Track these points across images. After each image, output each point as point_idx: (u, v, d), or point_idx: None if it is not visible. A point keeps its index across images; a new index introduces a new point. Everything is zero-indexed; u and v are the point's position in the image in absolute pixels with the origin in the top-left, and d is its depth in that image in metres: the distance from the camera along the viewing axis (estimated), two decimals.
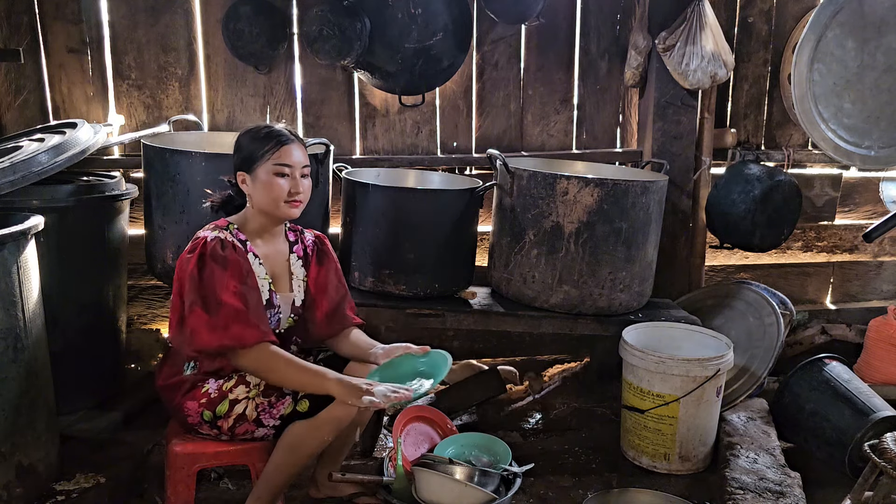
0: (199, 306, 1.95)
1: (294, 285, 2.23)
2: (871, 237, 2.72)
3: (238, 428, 2.03)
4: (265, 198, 2.08)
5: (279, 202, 2.08)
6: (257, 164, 2.06)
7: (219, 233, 2.04)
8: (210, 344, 1.94)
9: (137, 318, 3.38)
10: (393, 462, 2.27)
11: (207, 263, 1.97)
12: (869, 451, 2.02)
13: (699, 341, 2.72)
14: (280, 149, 2.07)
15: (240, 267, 2.01)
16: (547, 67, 3.44)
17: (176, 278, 2.03)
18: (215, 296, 1.95)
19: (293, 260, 2.25)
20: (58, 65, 3.13)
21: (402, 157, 3.36)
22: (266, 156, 2.06)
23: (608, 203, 2.63)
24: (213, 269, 1.97)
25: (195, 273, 1.96)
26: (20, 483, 2.16)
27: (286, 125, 2.17)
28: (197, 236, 2.05)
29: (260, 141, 2.08)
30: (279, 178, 2.06)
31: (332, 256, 2.33)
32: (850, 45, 2.99)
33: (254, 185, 2.08)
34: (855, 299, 3.95)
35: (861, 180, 3.82)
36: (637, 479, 2.52)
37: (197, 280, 1.96)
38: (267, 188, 2.06)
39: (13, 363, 2.12)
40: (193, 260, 1.97)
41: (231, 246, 2.02)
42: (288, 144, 2.09)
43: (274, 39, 3.12)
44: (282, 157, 2.07)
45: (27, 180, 2.38)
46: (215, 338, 1.93)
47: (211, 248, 1.98)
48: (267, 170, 2.06)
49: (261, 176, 2.06)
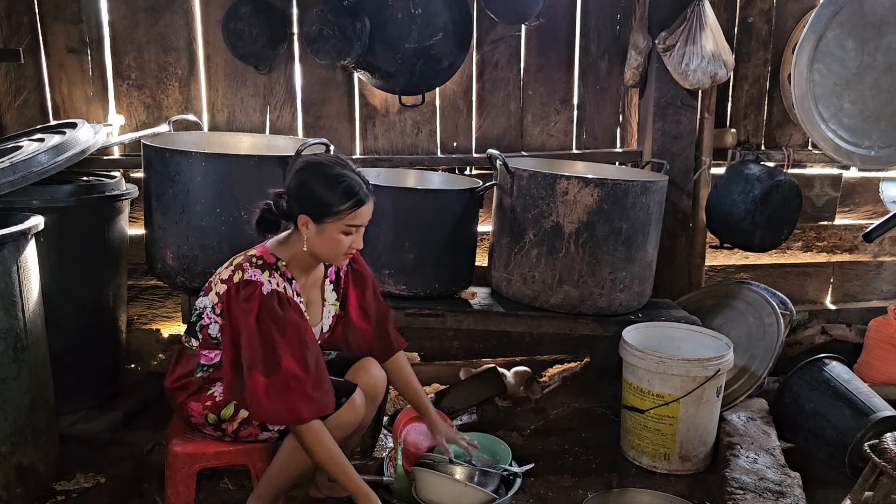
0: (258, 370, 1.89)
1: (324, 313, 2.20)
2: (871, 237, 2.72)
3: (242, 431, 2.03)
4: (325, 250, 2.00)
5: (338, 256, 2.02)
6: (328, 220, 1.95)
7: (270, 276, 1.95)
8: (267, 415, 1.93)
9: (137, 318, 3.38)
10: (393, 462, 2.28)
11: (265, 322, 1.90)
12: (869, 451, 2.02)
13: (699, 341, 2.72)
14: (357, 210, 1.96)
15: (299, 328, 1.94)
16: (547, 67, 3.44)
17: (227, 315, 1.95)
18: (275, 358, 1.89)
19: (327, 285, 2.21)
20: (58, 65, 3.13)
21: (402, 157, 3.36)
22: (341, 215, 1.95)
23: (608, 203, 2.63)
24: (273, 332, 1.90)
25: (254, 330, 1.89)
26: (20, 483, 2.16)
27: (354, 167, 2.02)
28: (248, 278, 1.94)
29: (337, 195, 1.94)
30: (346, 236, 1.99)
31: (368, 275, 2.28)
32: (850, 45, 2.99)
33: (317, 235, 1.98)
34: (855, 299, 3.95)
35: (861, 180, 3.82)
36: (637, 479, 2.52)
37: (256, 337, 1.89)
38: (331, 244, 1.98)
39: (13, 363, 2.12)
40: (252, 315, 1.90)
41: (287, 302, 1.95)
42: (366, 205, 1.98)
43: (274, 39, 3.12)
44: (356, 219, 1.97)
45: (27, 180, 2.38)
46: (272, 409, 1.90)
47: (269, 305, 1.91)
48: (337, 228, 1.96)
49: (328, 231, 1.97)
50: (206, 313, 2.03)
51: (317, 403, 1.92)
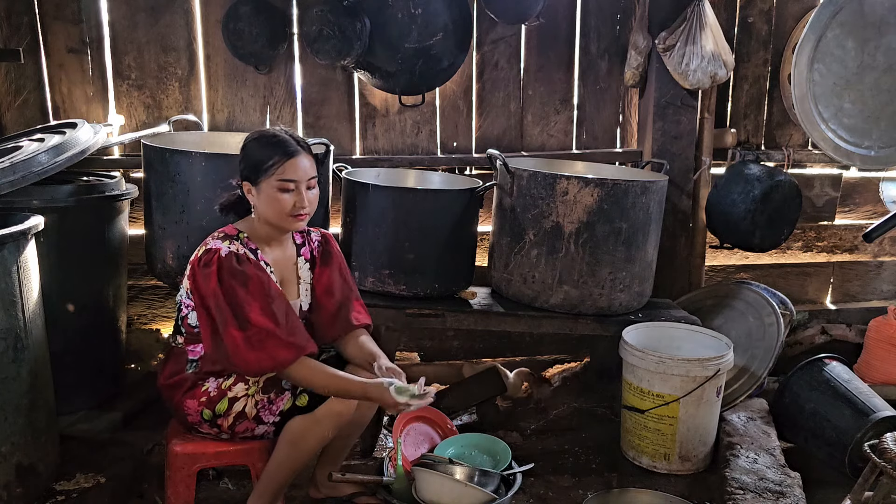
0: (233, 325, 1.93)
1: (301, 290, 2.23)
2: (871, 237, 2.72)
3: (238, 426, 2.03)
4: (269, 211, 2.04)
5: (284, 216, 2.04)
6: (261, 178, 2.01)
7: (230, 244, 2.01)
8: (252, 365, 1.95)
9: (137, 318, 3.38)
10: (393, 462, 2.28)
11: (226, 280, 1.95)
12: (869, 451, 2.02)
13: (699, 341, 2.72)
14: (285, 163, 2.01)
15: (260, 281, 1.98)
16: (547, 67, 3.44)
17: (194, 289, 2.00)
18: (243, 314, 1.93)
19: (301, 263, 2.23)
20: (58, 65, 3.13)
21: (402, 157, 3.36)
22: (270, 170, 2.00)
23: (608, 203, 2.63)
24: (235, 288, 1.94)
25: (217, 290, 1.94)
26: (20, 483, 2.16)
27: (290, 131, 2.10)
28: (209, 247, 2.01)
29: (264, 152, 2.02)
30: (284, 193, 2.01)
31: (338, 255, 2.31)
32: (850, 45, 2.98)
33: (258, 197, 2.04)
34: (855, 299, 3.95)
35: (861, 180, 3.82)
36: (637, 479, 2.52)
37: (221, 297, 1.94)
38: (271, 203, 2.02)
39: (13, 363, 2.12)
40: (213, 277, 1.95)
41: (246, 259, 1.99)
42: (293, 157, 2.02)
43: (274, 39, 3.12)
44: (286, 173, 2.01)
45: (27, 180, 2.38)
46: (254, 358, 1.93)
47: (228, 264, 1.96)
48: (271, 185, 2.01)
49: (265, 190, 2.02)
50: (182, 304, 2.07)
51: (295, 346, 1.97)
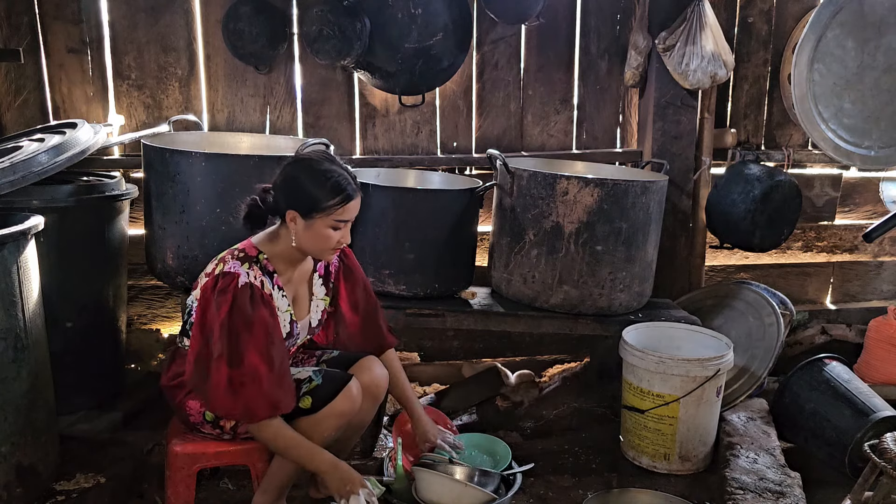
0: (224, 360, 1.91)
1: (312, 307, 2.22)
2: (871, 237, 2.72)
3: (240, 427, 2.03)
4: (313, 244, 2.02)
5: (326, 250, 2.04)
6: (317, 215, 1.97)
7: (249, 268, 1.97)
8: (225, 410, 1.95)
9: (137, 318, 3.38)
10: (393, 462, 2.28)
11: (235, 318, 1.92)
12: (869, 451, 2.02)
13: (699, 341, 2.72)
14: (346, 205, 1.99)
15: (266, 327, 1.95)
16: (547, 67, 3.44)
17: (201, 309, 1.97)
18: (239, 353, 1.91)
19: (315, 279, 2.23)
20: (58, 65, 3.13)
21: (403, 157, 3.36)
22: (329, 210, 1.97)
23: (608, 203, 2.63)
24: (241, 328, 1.92)
25: (225, 322, 1.91)
26: (20, 483, 2.16)
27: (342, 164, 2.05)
28: (227, 269, 1.97)
29: (326, 191, 1.97)
30: (334, 231, 2.00)
31: (358, 269, 2.31)
32: (850, 45, 2.98)
33: (305, 230, 2.00)
34: (855, 299, 3.95)
35: (861, 180, 3.82)
36: (637, 479, 2.52)
37: (226, 330, 1.91)
38: (320, 239, 2.01)
39: (13, 363, 2.12)
40: (224, 308, 1.91)
41: (260, 298, 1.96)
42: (354, 200, 2.01)
43: (274, 39, 3.12)
44: (345, 215, 2.00)
45: (27, 180, 2.39)
46: (229, 403, 1.92)
47: (241, 301, 1.92)
48: (326, 223, 1.98)
49: (317, 226, 1.99)
50: (193, 309, 2.06)
51: (272, 400, 1.93)
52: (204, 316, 1.96)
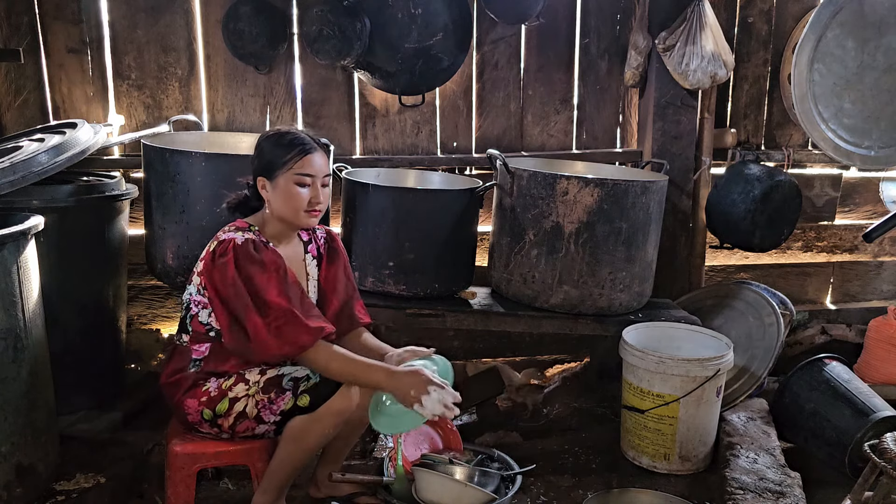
0: (253, 311, 1.95)
1: (310, 286, 2.25)
2: (871, 237, 2.72)
3: (239, 426, 2.03)
4: (284, 206, 2.07)
5: (299, 211, 2.07)
6: (278, 172, 2.05)
7: (244, 234, 2.03)
8: (275, 352, 1.97)
9: (137, 318, 3.38)
10: (393, 462, 2.28)
11: (243, 266, 1.97)
12: (869, 451, 2.02)
13: (699, 341, 2.72)
14: (303, 158, 2.05)
15: (277, 265, 2.01)
16: (547, 67, 3.44)
17: (209, 283, 2.01)
18: (262, 297, 1.95)
19: (308, 260, 2.26)
20: (58, 65, 3.13)
21: (402, 157, 3.36)
22: (288, 164, 2.04)
23: (608, 203, 2.63)
24: (253, 272, 1.96)
25: (236, 278, 1.96)
26: (20, 483, 2.16)
27: (309, 131, 2.15)
28: (221, 239, 2.03)
29: (282, 148, 2.06)
30: (300, 188, 2.05)
31: (342, 253, 2.34)
32: (850, 45, 2.98)
33: (274, 192, 2.07)
34: (855, 299, 3.95)
35: (861, 180, 3.82)
36: (637, 479, 2.52)
37: (240, 284, 1.96)
38: (287, 197, 2.05)
39: (13, 363, 2.12)
40: (230, 265, 1.96)
41: (262, 245, 2.02)
42: (311, 153, 2.07)
43: (274, 39, 3.12)
44: (304, 167, 2.05)
45: (27, 180, 2.39)
46: (275, 344, 1.95)
47: (244, 250, 1.98)
48: (288, 179, 2.05)
49: (281, 184, 2.05)
50: (192, 302, 2.08)
51: (312, 327, 1.98)
52: (213, 286, 2.00)
